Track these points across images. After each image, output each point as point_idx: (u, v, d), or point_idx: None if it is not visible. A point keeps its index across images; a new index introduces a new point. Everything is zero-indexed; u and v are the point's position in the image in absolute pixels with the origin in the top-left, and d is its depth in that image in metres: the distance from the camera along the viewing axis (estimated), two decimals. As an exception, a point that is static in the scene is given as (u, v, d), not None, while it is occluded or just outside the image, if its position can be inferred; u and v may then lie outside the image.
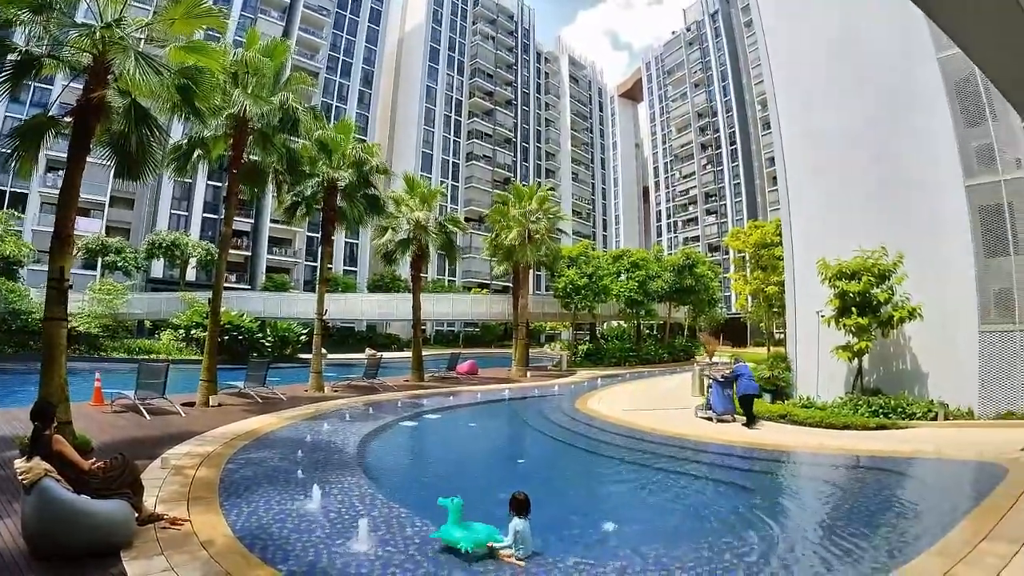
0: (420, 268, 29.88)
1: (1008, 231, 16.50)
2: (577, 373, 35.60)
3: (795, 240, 21.34)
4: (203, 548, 6.63)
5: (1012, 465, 10.84)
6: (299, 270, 70.25)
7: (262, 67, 18.29)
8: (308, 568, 6.31)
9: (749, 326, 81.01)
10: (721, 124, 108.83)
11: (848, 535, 7.87)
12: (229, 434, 13.40)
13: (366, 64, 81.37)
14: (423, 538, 7.27)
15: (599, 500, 10.61)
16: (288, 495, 8.91)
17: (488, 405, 22.03)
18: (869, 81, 19.69)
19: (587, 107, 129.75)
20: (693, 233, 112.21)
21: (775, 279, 45.19)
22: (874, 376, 18.94)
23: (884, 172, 19.05)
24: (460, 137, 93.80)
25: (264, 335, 38.29)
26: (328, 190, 22.69)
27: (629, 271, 44.49)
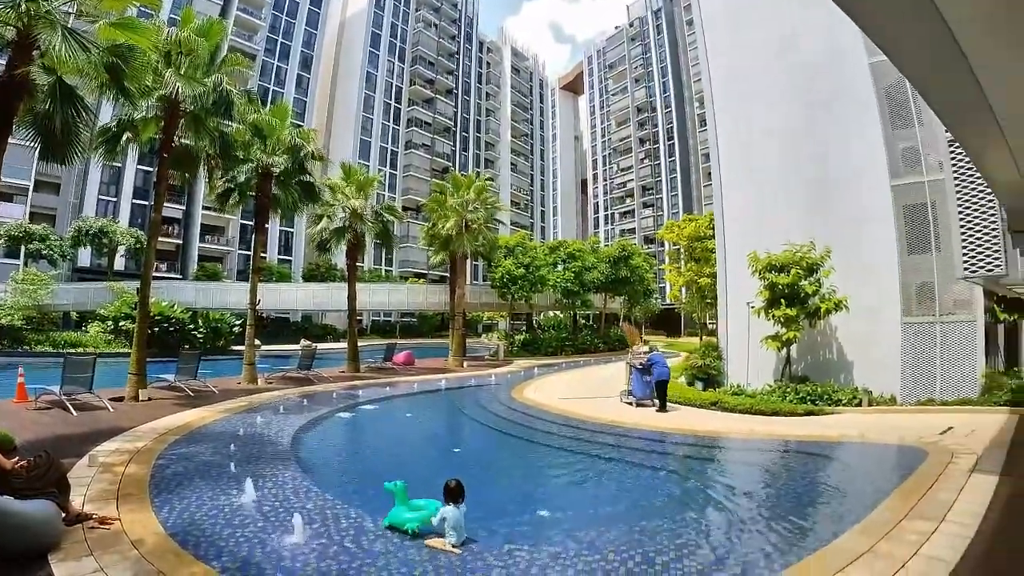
0: (356, 257, 29.54)
1: (930, 229, 17.51)
2: (514, 362, 35.74)
3: (727, 233, 21.97)
4: (134, 547, 6.47)
5: (931, 448, 11.50)
6: (233, 259, 68.35)
7: (196, 47, 17.60)
8: (243, 563, 6.24)
9: (683, 317, 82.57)
10: (660, 119, 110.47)
11: (777, 516, 8.23)
12: (160, 429, 13.03)
13: (305, 48, 79.55)
14: (358, 528, 7.29)
15: (535, 487, 10.68)
16: (221, 490, 8.75)
17: (425, 395, 21.90)
18: (805, 83, 20.40)
19: (528, 98, 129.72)
20: (630, 225, 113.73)
21: (708, 271, 46.20)
22: (802, 365, 19.76)
23: (815, 170, 19.81)
24: (399, 125, 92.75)
25: (196, 326, 37.17)
26: (262, 176, 22.05)
27: (566, 262, 44.90)
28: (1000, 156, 6.33)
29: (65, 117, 11.71)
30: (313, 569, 6.15)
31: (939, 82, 4.94)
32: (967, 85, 4.53)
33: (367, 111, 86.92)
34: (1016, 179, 7.14)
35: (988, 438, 12.48)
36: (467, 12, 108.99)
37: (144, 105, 17.12)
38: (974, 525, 7.31)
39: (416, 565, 6.29)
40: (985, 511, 7.83)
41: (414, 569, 6.18)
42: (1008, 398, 16.35)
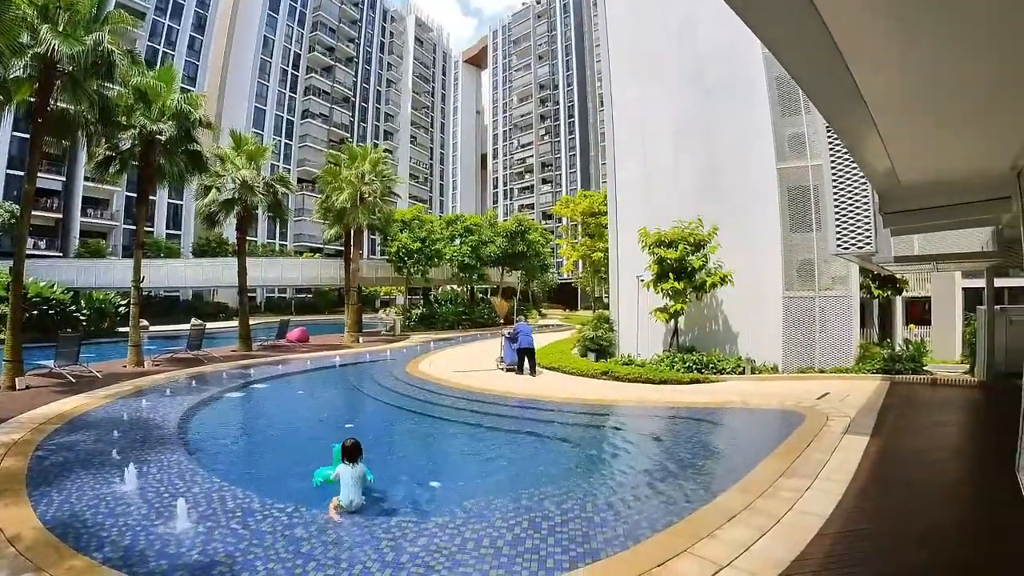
0: (246, 231, 28.47)
1: (812, 210, 18.69)
2: (411, 337, 35.67)
3: (619, 209, 22.67)
4: (10, 544, 6.24)
5: (808, 412, 12.37)
6: (117, 234, 64.15)
7: (76, 2, 16.45)
8: (125, 551, 6.12)
9: (579, 290, 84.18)
10: (561, 97, 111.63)
11: (662, 477, 8.68)
12: (38, 418, 12.34)
13: (200, 7, 75.05)
14: (246, 510, 7.27)
15: (427, 460, 10.87)
16: (103, 479, 8.46)
17: (318, 372, 21.65)
18: (701, 68, 21.22)
19: (430, 70, 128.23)
20: (528, 201, 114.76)
21: (602, 246, 47.31)
22: (689, 336, 20.75)
23: (708, 152, 20.70)
24: (296, 93, 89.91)
25: (79, 308, 34.58)
26: (146, 144, 20.66)
27: (463, 236, 45.05)
28: (873, 145, 6.70)
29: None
30: (199, 552, 6.10)
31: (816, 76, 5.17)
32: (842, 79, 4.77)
33: (263, 77, 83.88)
34: (887, 166, 7.59)
35: (860, 403, 13.45)
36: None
37: (17, 65, 15.73)
38: (845, 482, 7.91)
39: (302, 542, 6.32)
40: (855, 469, 8.47)
41: (300, 546, 6.21)
42: (880, 367, 17.84)
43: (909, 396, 14.91)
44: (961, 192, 8.79)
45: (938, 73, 4.91)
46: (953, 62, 4.67)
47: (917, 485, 8.14)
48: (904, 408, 13.46)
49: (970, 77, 4.95)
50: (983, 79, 4.97)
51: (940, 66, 4.76)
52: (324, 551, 6.08)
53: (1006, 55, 4.44)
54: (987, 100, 5.49)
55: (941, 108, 5.80)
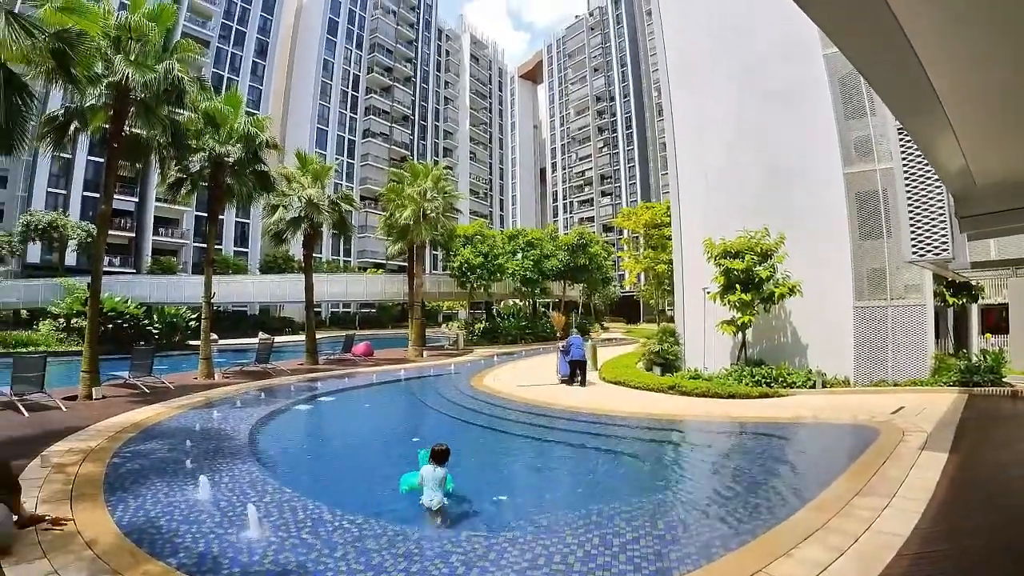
0: (312, 248, 29.13)
1: (881, 216, 18.02)
2: (474, 351, 35.73)
3: (683, 220, 22.26)
4: (88, 547, 6.37)
5: (883, 427, 11.85)
6: (187, 252, 66.76)
7: (147, 32, 17.03)
8: (198, 559, 6.19)
9: (642, 303, 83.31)
10: (618, 109, 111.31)
11: (734, 494, 8.40)
12: (114, 427, 12.78)
13: (261, 34, 78.05)
14: (317, 520, 7.29)
15: (494, 474, 10.74)
16: (177, 487, 8.64)
17: (384, 386, 21.80)
18: (762, 69, 20.71)
19: (487, 87, 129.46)
20: (588, 214, 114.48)
21: (665, 258, 46.74)
22: (757, 348, 20.16)
23: (770, 158, 20.17)
24: (357, 113, 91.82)
25: (151, 321, 36.14)
26: (215, 166, 21.55)
27: (524, 250, 44.97)
28: (947, 145, 6.49)
29: (10, 106, 11.36)
30: (271, 562, 6.13)
31: (888, 76, 5.03)
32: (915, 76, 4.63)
33: (324, 99, 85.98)
34: (963, 167, 7.34)
35: (937, 417, 12.85)
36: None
37: (93, 93, 16.57)
38: (924, 500, 7.55)
39: (372, 554, 6.29)
40: (934, 487, 8.08)
41: (371, 559, 6.18)
42: (956, 379, 16.98)
43: (988, 409, 14.29)
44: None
45: (1019, 69, 4.75)
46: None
47: (999, 503, 7.81)
48: (984, 422, 12.93)
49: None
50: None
51: (1021, 62, 4.61)
52: (394, 564, 6.05)
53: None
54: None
55: (1022, 106, 5.59)
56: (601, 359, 24.84)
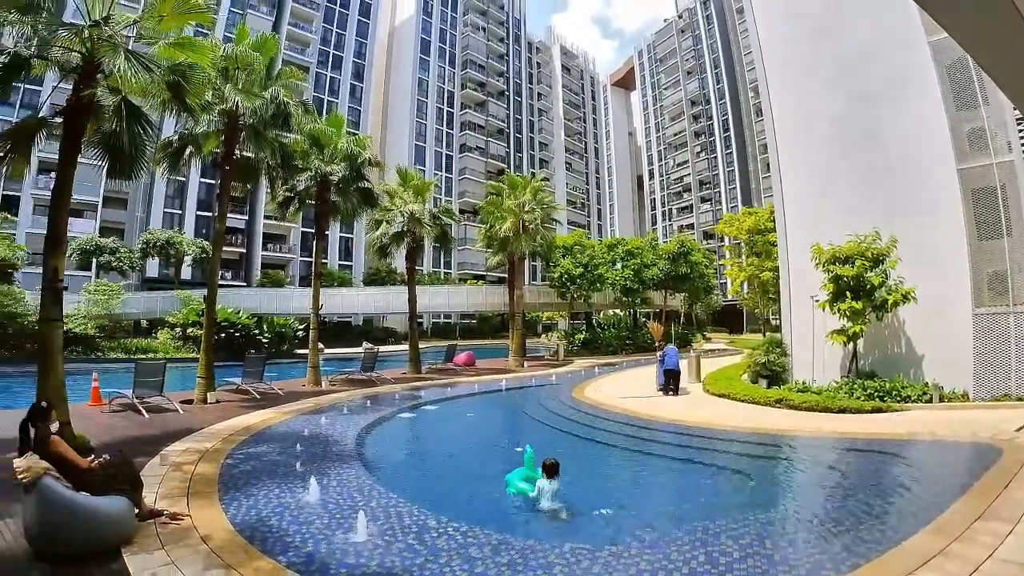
0: (415, 261, 29.85)
1: (1000, 213, 16.50)
2: (574, 362, 35.58)
3: (788, 226, 21.33)
4: (203, 542, 6.68)
5: (1007, 446, 10.91)
6: (294, 266, 70.05)
7: (252, 62, 18.09)
8: (307, 558, 6.37)
9: (745, 312, 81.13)
10: (714, 112, 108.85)
11: (846, 515, 7.96)
12: (227, 430, 13.43)
13: (357, 58, 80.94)
14: (421, 526, 7.35)
15: (597, 486, 10.59)
16: (287, 488, 8.95)
17: (486, 395, 21.95)
18: (859, 64, 19.66)
19: (580, 96, 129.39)
20: (688, 221, 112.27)
21: (770, 265, 45.31)
22: (869, 359, 18.99)
23: (877, 156, 19.04)
24: (453, 129, 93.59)
25: (261, 331, 38.26)
26: (321, 184, 22.50)
27: (624, 259, 44.39)
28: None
29: (132, 135, 12.09)
30: (377, 565, 6.24)
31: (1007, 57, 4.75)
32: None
33: (420, 116, 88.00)
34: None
35: (1068, 435, 11.85)
36: (514, 13, 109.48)
37: (205, 120, 17.68)
38: (1053, 527, 6.93)
39: (476, 562, 6.30)
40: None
41: (475, 566, 6.19)
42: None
43: None
44: None
45: None
46: None
47: None
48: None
49: None
50: None
51: None
52: (498, 573, 6.05)
53: None
54: None
55: None
56: (704, 371, 24.24)
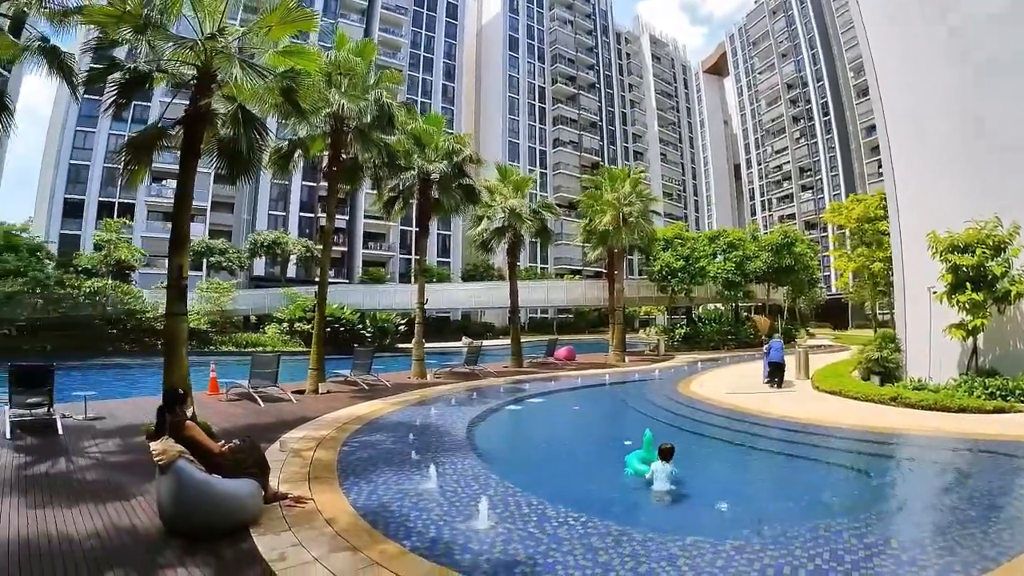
0: (516, 256, 30.21)
1: None
2: (675, 357, 35.12)
3: (901, 213, 20.05)
4: (328, 525, 6.86)
5: None
6: (394, 263, 72.07)
7: (354, 67, 18.82)
8: (430, 543, 6.44)
9: (850, 307, 77.89)
10: (812, 95, 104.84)
11: (971, 517, 7.57)
12: (341, 419, 13.79)
13: (447, 59, 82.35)
14: (540, 515, 7.36)
15: (711, 481, 10.45)
16: (404, 475, 9.12)
17: (590, 389, 21.87)
18: (979, 38, 18.39)
19: (672, 86, 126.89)
20: (788, 210, 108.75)
21: (880, 255, 43.26)
22: (990, 356, 17.57)
23: (997, 137, 17.62)
24: (545, 124, 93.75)
25: (364, 326, 39.88)
26: (423, 182, 22.98)
27: (726, 252, 43.24)
28: None
29: (249, 139, 12.59)
30: (500, 552, 6.26)
31: None
32: None
33: (512, 113, 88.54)
34: None
35: None
36: (600, 5, 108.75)
37: (313, 122, 18.35)
38: None
39: (599, 552, 6.26)
40: None
41: (598, 556, 6.16)
42: None
43: None
44: None
45: None
46: None
47: None
48: None
49: None
50: None
51: None
52: (621, 563, 5.97)
53: None
54: None
55: None
56: (813, 367, 23.30)
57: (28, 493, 8.02)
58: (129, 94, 12.57)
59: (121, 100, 12.60)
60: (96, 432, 12.22)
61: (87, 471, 9.32)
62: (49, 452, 10.44)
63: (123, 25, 11.37)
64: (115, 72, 12.43)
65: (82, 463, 9.78)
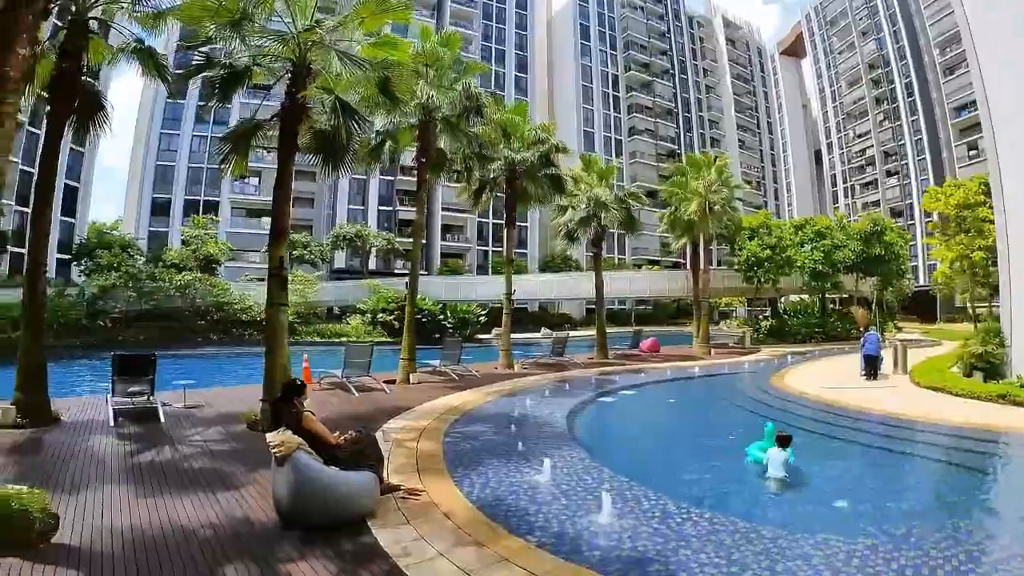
0: (600, 245, 30.12)
1: None
2: (761, 350, 34.20)
3: (1007, 199, 18.54)
4: (447, 518, 6.73)
5: None
6: (472, 255, 72.91)
7: (441, 58, 18.88)
8: (555, 538, 6.26)
9: (939, 300, 74.41)
10: (896, 74, 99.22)
11: None
12: (438, 409, 13.78)
13: (519, 50, 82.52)
14: (662, 511, 7.14)
15: (823, 478, 10.06)
16: (513, 467, 8.99)
17: (681, 382, 21.52)
18: None
19: (747, 69, 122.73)
20: (872, 197, 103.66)
21: (981, 243, 41.19)
22: None
23: None
24: (620, 112, 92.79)
25: (445, 317, 40.27)
26: (510, 172, 23.02)
27: (813, 241, 41.75)
28: None
29: (348, 129, 12.63)
30: (629, 548, 6.08)
31: None
32: None
33: (586, 103, 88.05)
34: None
35: None
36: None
37: (403, 113, 18.24)
38: None
39: (731, 549, 6.03)
40: None
41: (731, 553, 5.96)
42: None
43: None
44: None
45: None
46: None
47: None
48: None
49: None
50: None
51: None
52: (755, 561, 5.76)
53: None
54: None
55: None
56: (911, 363, 22.21)
57: (140, 482, 8.20)
58: (230, 90, 12.70)
59: (222, 96, 12.77)
60: (196, 420, 12.51)
61: (193, 459, 9.49)
62: (154, 440, 10.70)
63: (218, 20, 11.47)
64: (210, 69, 12.64)
65: (187, 451, 9.98)
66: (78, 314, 34.62)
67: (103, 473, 8.58)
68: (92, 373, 24.81)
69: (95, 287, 37.38)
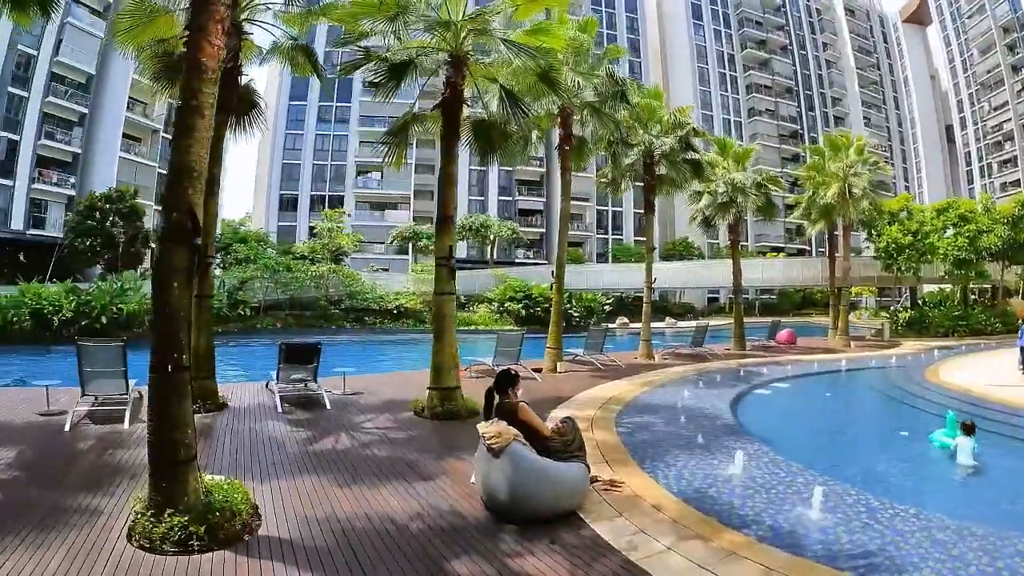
0: (738, 232, 29.52)
1: None
2: (901, 344, 32.54)
3: None
4: (658, 511, 6.61)
5: None
6: (591, 243, 72.86)
7: (582, 43, 18.70)
8: (772, 532, 6.17)
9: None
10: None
11: None
12: (597, 399, 13.70)
13: (630, 33, 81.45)
14: (867, 505, 6.94)
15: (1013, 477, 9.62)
16: (699, 459, 8.87)
17: (831, 375, 21.01)
18: None
19: (869, 40, 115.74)
20: (1012, 176, 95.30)
21: None
22: None
23: None
24: (738, 93, 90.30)
25: (572, 306, 40.28)
26: (648, 157, 22.74)
27: (957, 225, 38.46)
28: None
29: (516, 118, 12.83)
30: (848, 542, 5.95)
31: None
32: None
33: (703, 84, 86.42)
34: None
35: None
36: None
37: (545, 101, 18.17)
38: None
39: (948, 546, 5.85)
40: None
41: (949, 550, 5.77)
42: None
43: None
44: None
45: None
46: None
47: None
48: None
49: None
50: None
51: None
52: (976, 558, 5.54)
53: None
54: None
55: None
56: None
57: (329, 470, 8.23)
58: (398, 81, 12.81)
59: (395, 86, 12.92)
60: (361, 407, 12.76)
61: (374, 447, 9.57)
62: (326, 426, 10.91)
63: (378, 16, 11.70)
64: (369, 63, 12.95)
65: (364, 439, 10.09)
66: (219, 304, 36.52)
67: (287, 460, 8.72)
68: (236, 360, 26.08)
69: (236, 279, 39.43)
